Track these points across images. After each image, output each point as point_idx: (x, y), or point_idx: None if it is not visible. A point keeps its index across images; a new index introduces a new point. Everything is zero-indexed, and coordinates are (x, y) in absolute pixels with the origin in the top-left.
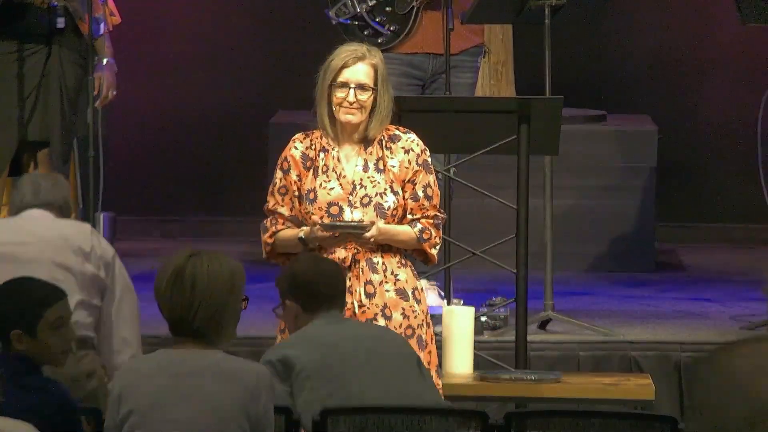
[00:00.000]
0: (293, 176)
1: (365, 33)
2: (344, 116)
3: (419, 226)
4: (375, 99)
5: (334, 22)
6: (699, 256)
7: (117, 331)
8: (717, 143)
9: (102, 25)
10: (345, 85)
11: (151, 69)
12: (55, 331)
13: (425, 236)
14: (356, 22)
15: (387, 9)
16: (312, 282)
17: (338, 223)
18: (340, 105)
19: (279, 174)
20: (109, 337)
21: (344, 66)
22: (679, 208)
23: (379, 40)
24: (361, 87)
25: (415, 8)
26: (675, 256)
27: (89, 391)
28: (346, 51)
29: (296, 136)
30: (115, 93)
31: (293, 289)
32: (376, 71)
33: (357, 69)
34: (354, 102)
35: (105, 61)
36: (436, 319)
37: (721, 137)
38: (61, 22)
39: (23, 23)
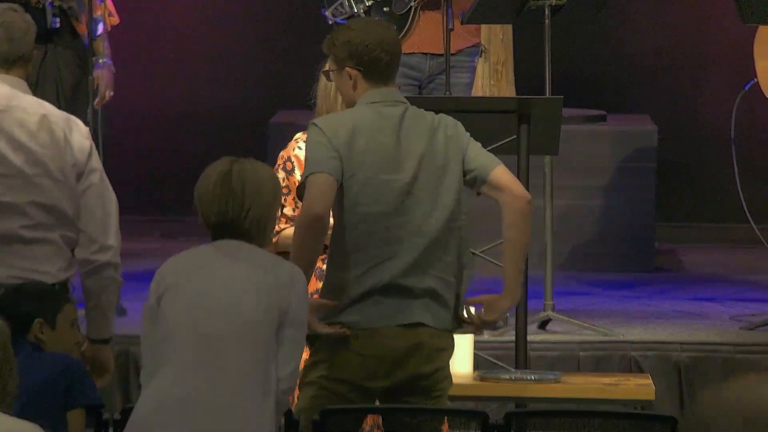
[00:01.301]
0: (297, 176)
1: None
2: None
3: None
4: None
5: (330, 22)
6: (699, 256)
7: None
8: (717, 143)
9: (100, 25)
10: None
11: (150, 69)
12: (69, 326)
13: None
14: None
15: (384, 9)
16: (375, 47)
17: None
18: None
19: (282, 174)
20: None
21: None
22: (679, 208)
23: None
24: None
25: (413, 8)
26: (675, 256)
27: None
28: None
29: (298, 135)
30: (112, 93)
31: (355, 56)
32: None
33: None
34: None
35: (102, 61)
36: None
37: (721, 137)
38: (56, 22)
39: None
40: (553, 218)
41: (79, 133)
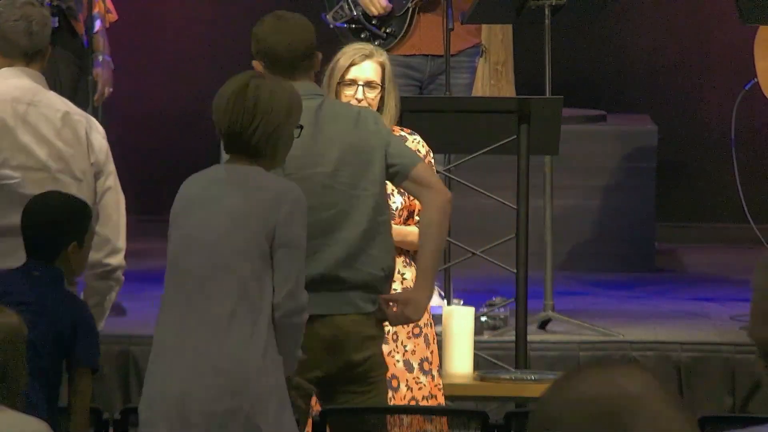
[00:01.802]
0: None
1: (362, 36)
2: None
3: None
4: (382, 98)
5: (331, 26)
6: (699, 256)
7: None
8: (717, 143)
9: (98, 22)
10: (353, 82)
11: (151, 68)
12: (90, 244)
13: None
14: (353, 26)
15: None
16: (274, 43)
17: None
18: None
19: None
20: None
21: (352, 64)
22: (679, 208)
23: (376, 43)
24: (369, 85)
25: (411, 9)
26: (675, 256)
27: None
28: (353, 49)
29: None
30: (111, 90)
31: (260, 50)
32: (383, 69)
33: (365, 67)
34: (362, 100)
35: (101, 58)
36: (437, 319)
37: (721, 137)
38: (54, 21)
39: None
40: (553, 218)
41: (98, 133)
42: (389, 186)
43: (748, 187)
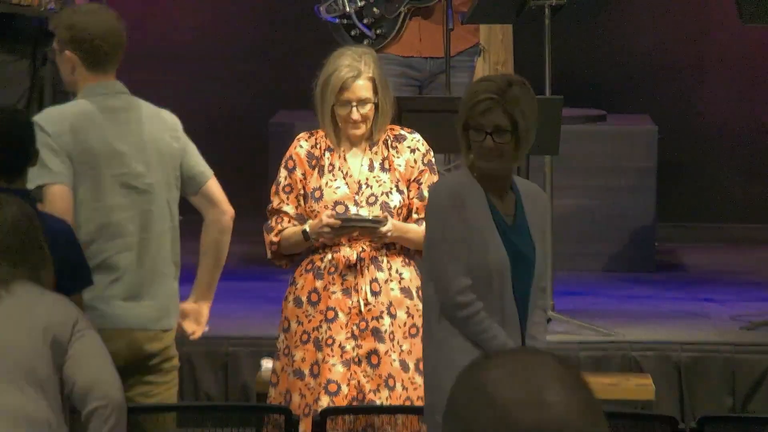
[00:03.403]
0: (298, 175)
1: (352, 33)
2: (351, 131)
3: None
4: (376, 107)
5: (322, 19)
6: (699, 256)
7: None
8: (717, 143)
9: None
10: (347, 103)
11: (151, 69)
12: None
13: None
14: (344, 21)
15: (375, 11)
16: (96, 36)
17: (353, 217)
18: (345, 121)
19: (284, 173)
20: None
21: (343, 87)
22: (679, 208)
23: (365, 42)
24: (362, 102)
25: (403, 14)
26: (675, 256)
27: None
28: (343, 68)
29: (301, 134)
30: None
31: (75, 41)
32: (374, 83)
33: (356, 87)
34: (358, 118)
35: None
36: None
37: (721, 137)
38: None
39: (12, 29)
40: (553, 218)
41: None
42: (387, 183)
43: (753, 187)
